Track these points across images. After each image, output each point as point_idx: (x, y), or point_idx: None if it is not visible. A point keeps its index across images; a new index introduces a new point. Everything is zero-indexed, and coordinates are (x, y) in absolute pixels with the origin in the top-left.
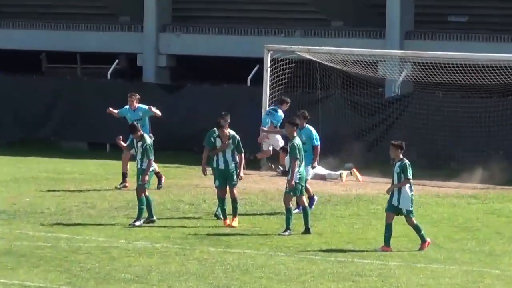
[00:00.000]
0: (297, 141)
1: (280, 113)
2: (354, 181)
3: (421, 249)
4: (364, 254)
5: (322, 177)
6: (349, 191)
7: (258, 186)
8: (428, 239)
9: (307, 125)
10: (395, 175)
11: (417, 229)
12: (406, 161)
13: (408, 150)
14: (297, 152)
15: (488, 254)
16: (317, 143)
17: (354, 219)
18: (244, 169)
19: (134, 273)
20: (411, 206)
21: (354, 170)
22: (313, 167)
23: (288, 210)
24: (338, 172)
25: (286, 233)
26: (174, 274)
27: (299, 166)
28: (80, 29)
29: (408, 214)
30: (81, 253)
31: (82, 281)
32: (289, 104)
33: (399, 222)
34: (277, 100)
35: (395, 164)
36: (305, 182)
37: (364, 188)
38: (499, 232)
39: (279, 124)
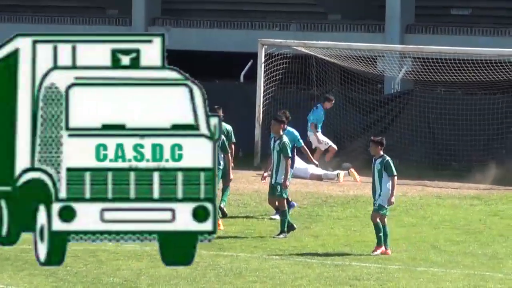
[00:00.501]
0: (286, 139)
1: (320, 110)
2: (351, 182)
3: (373, 251)
4: (362, 257)
5: (319, 177)
6: (347, 192)
7: (252, 186)
8: (383, 248)
9: (288, 127)
10: (376, 172)
11: (376, 228)
12: (387, 157)
13: (409, 150)
14: (289, 150)
15: (490, 257)
16: (302, 143)
17: (352, 221)
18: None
19: (123, 277)
20: (387, 204)
21: (352, 170)
22: (317, 166)
23: (283, 213)
24: (335, 172)
25: (281, 236)
26: (164, 278)
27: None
28: (65, 22)
29: (378, 209)
30: (67, 256)
31: (68, 285)
32: (333, 102)
33: (398, 224)
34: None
35: (375, 160)
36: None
37: (362, 189)
38: (502, 235)
39: (316, 121)
